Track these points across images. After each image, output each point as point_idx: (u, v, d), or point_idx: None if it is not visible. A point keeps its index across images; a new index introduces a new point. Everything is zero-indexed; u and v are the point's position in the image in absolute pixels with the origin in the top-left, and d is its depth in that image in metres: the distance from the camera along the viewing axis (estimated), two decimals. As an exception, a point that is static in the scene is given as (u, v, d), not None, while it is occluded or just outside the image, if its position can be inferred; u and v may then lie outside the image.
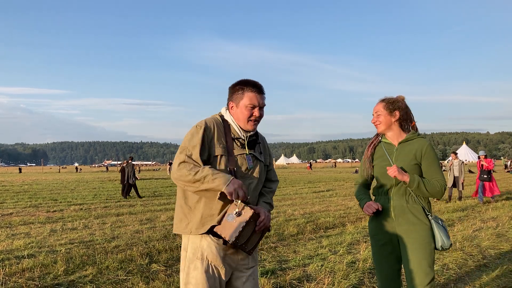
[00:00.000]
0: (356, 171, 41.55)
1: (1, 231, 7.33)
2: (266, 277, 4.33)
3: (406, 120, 2.55)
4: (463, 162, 12.80)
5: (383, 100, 2.57)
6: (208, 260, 2.07)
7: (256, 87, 2.21)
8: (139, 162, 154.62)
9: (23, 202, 12.57)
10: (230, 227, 2.02)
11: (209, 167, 2.01)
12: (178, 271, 4.62)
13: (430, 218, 2.43)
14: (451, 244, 2.41)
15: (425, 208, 2.44)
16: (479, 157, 12.50)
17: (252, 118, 2.20)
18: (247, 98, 2.19)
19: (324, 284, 4.05)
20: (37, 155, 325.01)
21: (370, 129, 2.75)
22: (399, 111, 2.53)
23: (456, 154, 13.36)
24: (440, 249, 2.39)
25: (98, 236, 6.80)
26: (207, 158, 2.10)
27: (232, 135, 2.19)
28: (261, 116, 2.23)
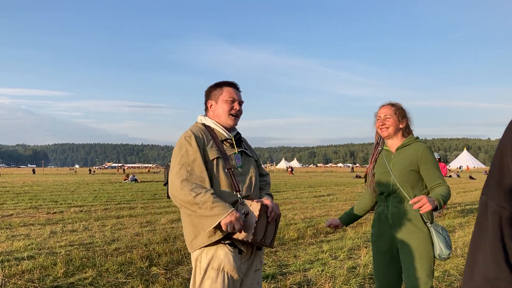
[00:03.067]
0: (357, 176, 41.48)
1: (1, 232, 7.32)
2: (266, 281, 4.31)
3: (408, 130, 2.54)
4: None
5: (392, 105, 2.52)
6: (225, 271, 2.01)
7: (233, 84, 2.28)
8: (139, 165, 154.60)
9: (24, 204, 12.55)
10: (245, 229, 1.98)
11: (212, 193, 1.96)
12: (178, 275, 4.61)
13: (429, 225, 2.36)
14: (449, 254, 2.32)
15: (423, 215, 2.38)
16: None
17: (233, 111, 2.23)
18: (227, 92, 2.23)
19: (324, 289, 4.03)
20: (37, 156, 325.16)
21: (371, 134, 2.70)
22: (406, 120, 2.51)
23: None
24: (438, 258, 2.33)
25: (98, 238, 6.79)
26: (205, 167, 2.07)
27: (220, 138, 2.20)
28: (240, 111, 2.27)
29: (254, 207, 2.03)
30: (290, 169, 58.25)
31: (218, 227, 1.96)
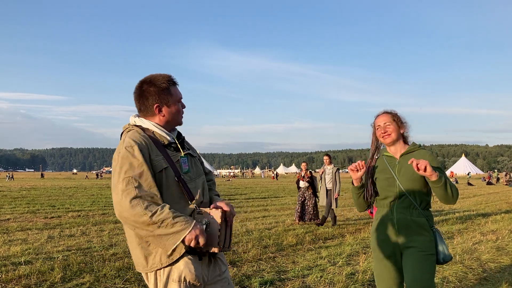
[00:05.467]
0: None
1: (-2, 237, 7.28)
2: (264, 287, 4.29)
3: (407, 136, 2.57)
4: (338, 169, 9.38)
5: (389, 112, 2.56)
6: (187, 281, 1.85)
7: (172, 79, 2.04)
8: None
9: (21, 208, 12.51)
10: (209, 239, 1.86)
11: (169, 208, 1.78)
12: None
13: (434, 230, 2.40)
14: (451, 257, 2.39)
15: (430, 220, 2.41)
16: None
17: (183, 112, 2.09)
18: (176, 92, 2.03)
19: (323, 295, 4.02)
20: (35, 160, 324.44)
21: (369, 140, 2.68)
22: (404, 126, 2.55)
23: (329, 157, 9.59)
24: (442, 261, 2.36)
25: (96, 243, 6.76)
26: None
27: (162, 142, 1.97)
28: None
29: (214, 214, 1.89)
30: (275, 175, 57.46)
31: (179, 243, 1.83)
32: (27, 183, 33.91)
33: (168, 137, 2.00)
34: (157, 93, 1.98)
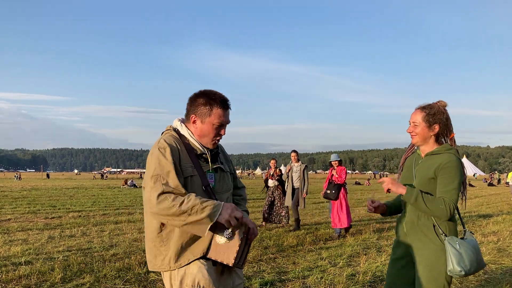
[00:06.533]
0: (356, 183, 41.43)
1: (-1, 237, 7.29)
2: (265, 288, 4.29)
3: (444, 133, 2.34)
4: (306, 166, 8.78)
5: (423, 109, 2.33)
6: (200, 286, 1.86)
7: (224, 103, 2.03)
8: (138, 170, 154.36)
9: (22, 208, 12.51)
10: (226, 250, 1.86)
11: (195, 195, 1.84)
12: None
13: (443, 238, 2.20)
14: (461, 272, 2.10)
15: (439, 227, 2.22)
16: (330, 163, 8.22)
17: (218, 138, 2.06)
18: (216, 116, 2.00)
19: (323, 296, 4.01)
20: (36, 161, 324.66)
21: (371, 141, 2.69)
22: (439, 124, 2.30)
23: (297, 153, 8.99)
24: (449, 274, 2.16)
25: (96, 243, 6.76)
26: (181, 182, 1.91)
27: (195, 151, 2.02)
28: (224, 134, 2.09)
29: (238, 227, 1.89)
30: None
31: (186, 249, 1.89)
32: (34, 183, 33.96)
33: (200, 148, 2.05)
34: (200, 105, 2.02)
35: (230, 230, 1.87)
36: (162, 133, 2.13)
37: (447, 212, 2.15)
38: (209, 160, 2.05)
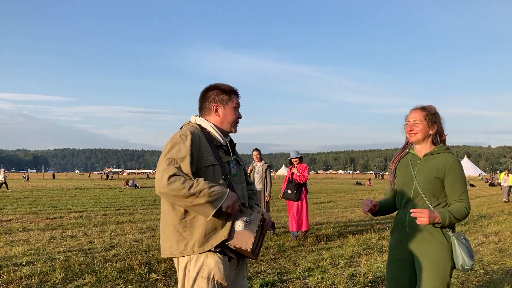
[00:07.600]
0: (357, 183, 41.42)
1: (0, 238, 7.30)
2: (266, 289, 4.29)
3: (439, 134, 2.42)
4: (269, 166, 8.01)
5: (424, 109, 2.40)
6: (215, 279, 1.96)
7: (237, 93, 2.26)
8: (139, 170, 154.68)
9: (23, 209, 12.54)
10: (245, 237, 1.97)
11: (204, 180, 1.92)
12: (177, 282, 4.58)
13: (450, 235, 2.26)
14: (473, 265, 2.21)
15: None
16: (290, 161, 7.63)
17: (238, 121, 2.24)
18: (235, 100, 2.21)
19: (324, 297, 4.00)
20: (38, 161, 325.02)
21: (372, 141, 2.69)
22: (437, 125, 2.40)
23: (259, 152, 8.12)
24: (461, 269, 2.22)
25: (97, 244, 6.77)
26: (195, 171, 1.99)
27: (215, 142, 2.14)
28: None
29: (255, 217, 2.01)
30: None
31: (210, 234, 1.97)
32: (35, 183, 34.02)
33: (221, 140, 2.17)
34: (219, 94, 2.19)
35: (247, 218, 1.99)
36: (181, 127, 2.22)
37: (468, 214, 2.27)
38: (230, 150, 2.18)
